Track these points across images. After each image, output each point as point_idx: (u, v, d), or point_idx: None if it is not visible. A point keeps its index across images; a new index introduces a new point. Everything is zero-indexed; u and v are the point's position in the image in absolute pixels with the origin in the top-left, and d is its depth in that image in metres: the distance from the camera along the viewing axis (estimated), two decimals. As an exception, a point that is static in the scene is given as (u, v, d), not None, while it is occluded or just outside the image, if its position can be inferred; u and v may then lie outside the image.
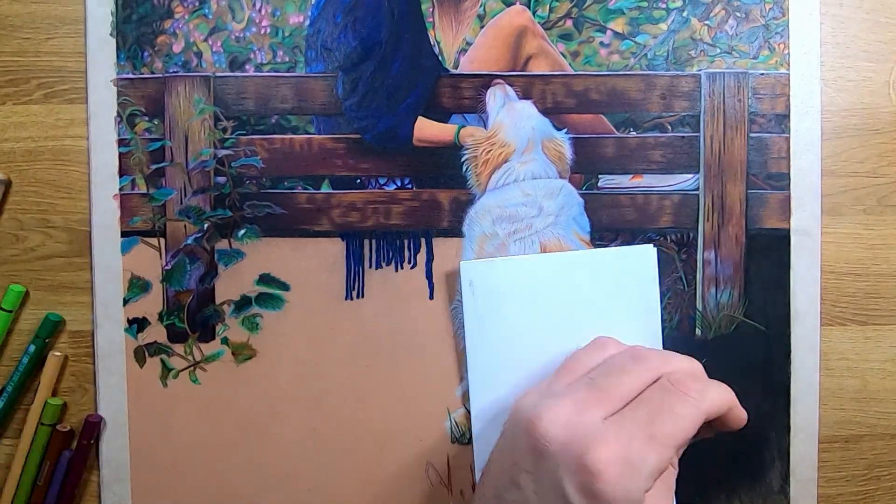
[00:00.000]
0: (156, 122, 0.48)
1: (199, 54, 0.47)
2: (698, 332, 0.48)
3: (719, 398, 0.36)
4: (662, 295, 0.48)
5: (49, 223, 0.48)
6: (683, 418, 0.34)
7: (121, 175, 0.48)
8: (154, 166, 0.48)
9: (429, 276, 0.48)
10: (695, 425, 0.34)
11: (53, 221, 0.48)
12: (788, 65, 0.48)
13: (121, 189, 0.48)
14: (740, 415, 0.37)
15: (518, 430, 0.36)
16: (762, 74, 0.48)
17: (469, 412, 0.48)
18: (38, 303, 0.48)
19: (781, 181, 0.48)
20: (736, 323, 0.48)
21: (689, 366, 0.38)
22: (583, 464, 0.32)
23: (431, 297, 0.48)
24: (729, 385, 0.37)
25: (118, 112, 0.47)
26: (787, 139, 0.48)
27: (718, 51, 0.48)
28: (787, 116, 0.48)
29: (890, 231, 0.49)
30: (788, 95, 0.48)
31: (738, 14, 0.48)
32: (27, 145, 0.48)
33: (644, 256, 0.46)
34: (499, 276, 0.46)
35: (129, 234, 0.48)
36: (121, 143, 0.48)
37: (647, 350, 0.38)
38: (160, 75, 0.47)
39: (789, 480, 0.48)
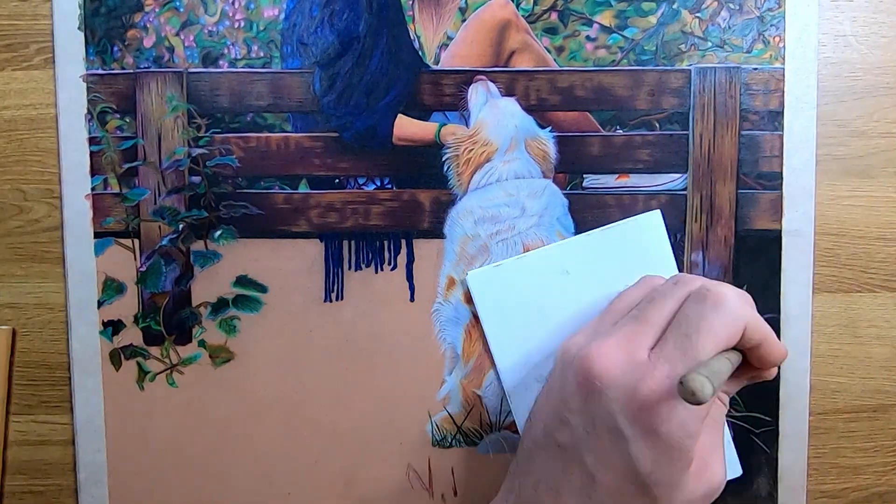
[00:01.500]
0: (127, 120, 0.46)
1: (171, 49, 0.46)
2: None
3: (755, 316, 0.35)
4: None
5: (53, 193, 0.47)
6: (718, 328, 0.33)
7: (92, 174, 0.46)
8: (126, 165, 0.46)
9: (409, 277, 0.47)
10: (731, 332, 0.33)
11: (58, 192, 0.47)
12: (784, 59, 0.46)
13: (93, 189, 0.46)
14: (779, 348, 0.36)
15: (567, 371, 0.35)
16: (755, 69, 0.46)
17: (451, 416, 0.47)
18: (45, 275, 0.47)
19: (773, 181, 0.47)
20: (724, 326, 0.47)
21: (734, 290, 0.36)
22: (634, 398, 0.32)
23: (412, 300, 0.47)
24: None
25: (88, 109, 0.46)
26: (781, 137, 0.46)
27: (710, 45, 0.46)
28: (780, 113, 0.46)
29: (925, 194, 0.47)
30: (783, 91, 0.46)
31: (732, 5, 0.46)
32: (28, 112, 0.47)
33: (651, 224, 0.45)
34: (508, 278, 0.45)
35: (103, 235, 0.47)
36: (92, 141, 0.46)
37: (693, 276, 0.37)
38: (131, 71, 0.46)
39: (777, 487, 0.47)
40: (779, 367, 0.41)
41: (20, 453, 0.48)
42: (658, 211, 0.46)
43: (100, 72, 0.46)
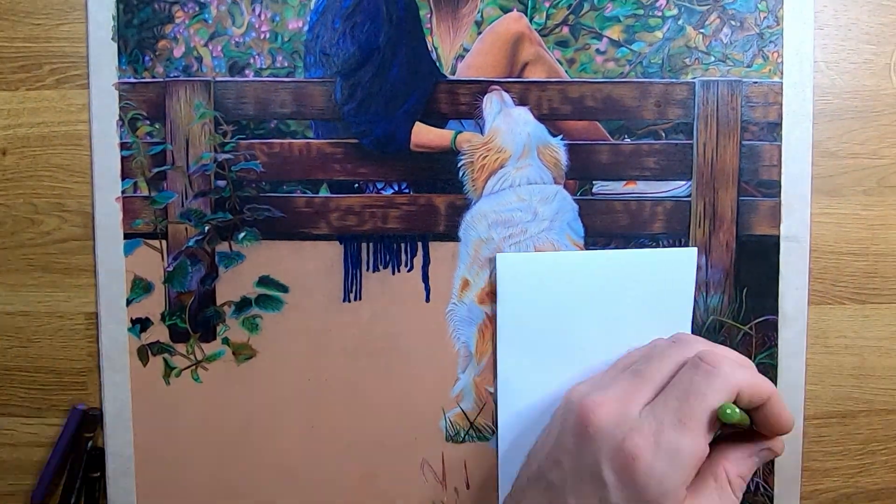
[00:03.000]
0: (157, 126, 0.48)
1: (200, 59, 0.48)
2: (688, 335, 0.49)
3: (752, 379, 0.36)
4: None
5: (64, 207, 0.49)
6: (706, 395, 0.35)
7: (123, 178, 0.48)
8: (155, 170, 0.48)
9: (425, 279, 0.49)
10: (722, 398, 0.35)
11: (68, 205, 0.49)
12: (782, 73, 0.48)
13: (123, 192, 0.48)
14: (785, 415, 0.38)
15: (568, 416, 0.38)
16: (755, 83, 0.48)
17: (464, 412, 0.49)
18: (54, 285, 0.49)
19: (772, 188, 0.49)
20: (725, 326, 0.49)
21: (734, 354, 0.38)
22: (620, 448, 0.34)
23: (427, 300, 0.49)
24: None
25: (120, 116, 0.48)
26: (779, 147, 0.49)
27: (713, 59, 0.48)
28: (779, 125, 0.49)
29: (889, 212, 0.50)
30: (781, 104, 0.48)
31: (733, 23, 0.48)
32: (41, 130, 0.49)
33: (684, 259, 0.47)
34: (535, 270, 0.47)
35: (132, 237, 0.49)
36: (123, 146, 0.48)
37: (692, 336, 0.40)
38: (161, 79, 0.48)
39: (773, 480, 0.50)
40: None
41: (31, 454, 0.50)
42: (695, 249, 0.48)
43: (131, 80, 0.48)
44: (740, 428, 0.38)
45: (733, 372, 0.36)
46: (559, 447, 0.38)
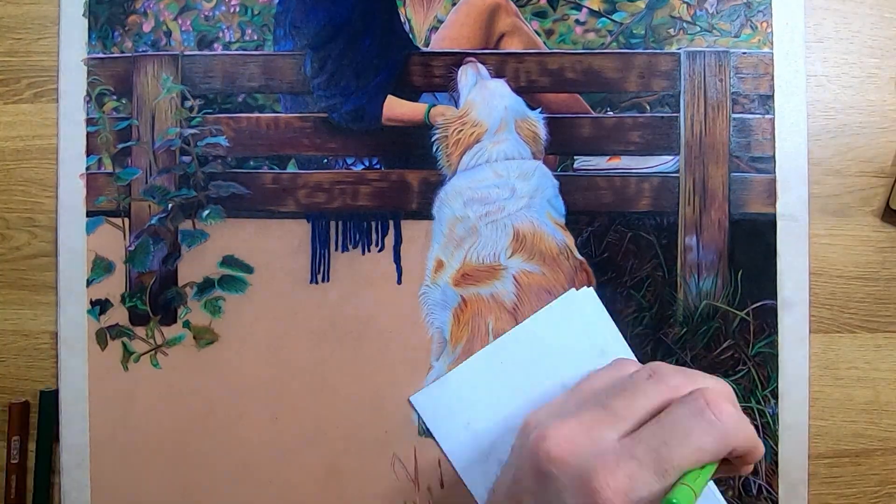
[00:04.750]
0: (124, 102, 0.47)
1: (169, 33, 0.47)
2: (678, 322, 0.46)
3: (750, 432, 0.32)
4: (641, 283, 0.46)
5: (34, 222, 0.48)
6: (702, 451, 0.30)
7: (88, 154, 0.47)
8: (120, 145, 0.47)
9: (397, 259, 0.47)
10: (719, 451, 0.30)
11: (39, 221, 0.48)
12: (772, 44, 0.46)
13: (87, 168, 0.47)
14: (761, 450, 0.32)
15: (524, 450, 0.34)
16: (744, 53, 0.46)
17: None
18: (23, 302, 0.48)
19: (766, 164, 0.46)
20: (720, 312, 0.46)
21: (720, 386, 0.33)
22: (590, 487, 0.30)
23: (399, 282, 0.46)
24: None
25: (87, 91, 0.47)
26: (772, 120, 0.46)
27: (699, 29, 0.46)
28: (771, 97, 0.46)
29: (901, 233, 0.46)
30: (772, 75, 0.46)
31: (720, -9, 0.46)
32: (16, 144, 0.48)
33: (585, 300, 0.44)
34: (454, 390, 0.44)
35: (95, 214, 0.47)
36: (89, 122, 0.47)
37: (669, 367, 0.34)
38: (129, 54, 0.47)
39: (777, 483, 0.45)
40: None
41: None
42: (591, 288, 0.45)
43: (100, 55, 0.47)
44: None
45: (736, 431, 0.31)
46: (518, 485, 0.33)
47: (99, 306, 0.47)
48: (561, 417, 0.33)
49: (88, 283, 0.47)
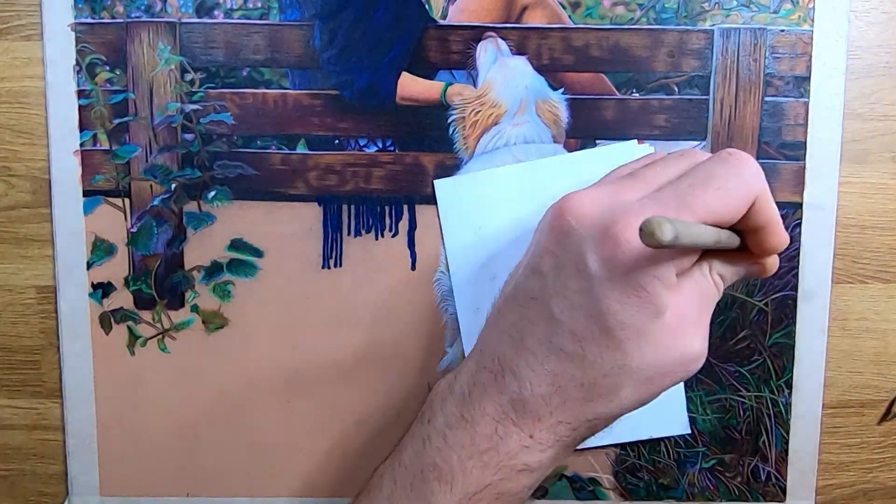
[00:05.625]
0: (118, 73, 0.44)
1: (164, -2, 0.43)
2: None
3: (766, 191, 0.31)
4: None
5: (10, 171, 0.45)
6: (728, 191, 0.29)
7: (81, 129, 0.44)
8: (117, 121, 0.44)
9: (411, 245, 0.45)
10: (739, 199, 0.30)
11: (15, 170, 0.45)
12: (812, 21, 0.43)
13: (81, 145, 0.44)
14: (783, 235, 0.32)
15: (545, 220, 0.32)
16: (782, 31, 0.43)
17: None
18: (2, 257, 0.45)
19: (797, 150, 0.44)
20: (737, 302, 0.45)
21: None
22: (609, 233, 0.29)
23: (413, 268, 0.45)
24: (729, 368, 0.33)
25: (77, 60, 0.44)
26: (806, 105, 0.44)
27: (735, 3, 0.43)
28: (807, 79, 0.44)
29: (922, 181, 0.45)
30: (810, 55, 0.43)
31: (760, -38, 0.43)
32: None
33: (628, 153, 0.41)
34: (478, 190, 0.42)
35: (92, 194, 0.45)
36: (80, 94, 0.44)
37: (702, 152, 0.33)
38: (122, 20, 0.43)
39: (787, 470, 0.46)
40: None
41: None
42: (635, 140, 0.42)
43: (89, 21, 0.43)
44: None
45: (757, 177, 0.30)
46: (538, 252, 0.32)
47: (101, 290, 0.45)
48: (586, 188, 0.32)
49: (89, 265, 0.45)
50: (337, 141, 0.44)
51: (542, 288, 0.31)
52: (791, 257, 0.45)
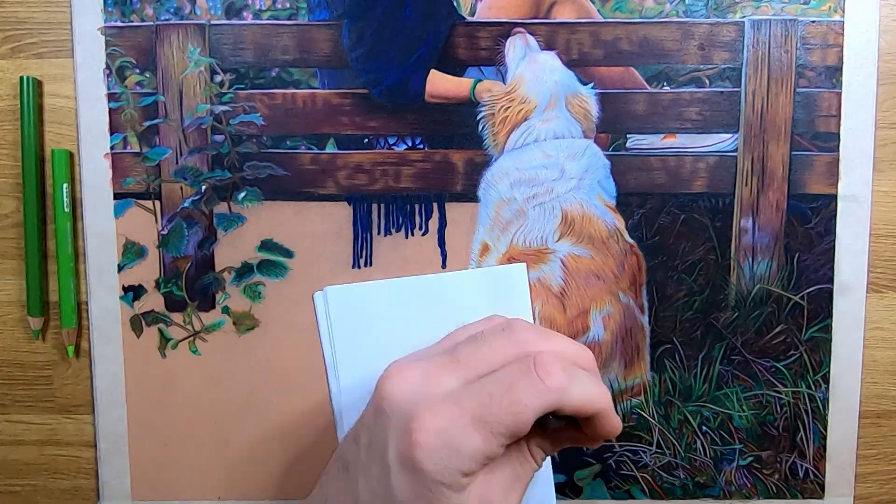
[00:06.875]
0: (147, 75, 0.44)
1: (193, 0, 0.43)
2: (730, 306, 0.45)
3: (585, 396, 0.31)
4: (693, 266, 0.44)
5: (20, 189, 0.45)
6: (523, 408, 0.30)
7: (112, 132, 0.44)
8: (147, 123, 0.44)
9: (441, 243, 0.45)
10: (534, 415, 0.30)
11: (21, 188, 0.45)
12: (843, 11, 0.43)
13: (112, 147, 0.44)
14: (613, 423, 0.32)
15: (375, 387, 0.33)
16: (813, 22, 0.43)
17: None
18: (12, 272, 0.46)
19: (830, 142, 0.44)
20: (773, 296, 0.45)
21: (572, 350, 0.32)
22: (408, 427, 0.30)
23: (444, 266, 0.45)
24: (765, 363, 0.32)
25: (107, 63, 0.44)
26: (839, 95, 0.43)
27: (765, -5, 0.43)
28: (839, 69, 0.43)
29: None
30: (842, 46, 0.43)
31: (789, -47, 0.43)
32: None
33: (515, 275, 0.41)
34: (365, 300, 0.41)
35: (122, 197, 0.45)
36: (111, 97, 0.44)
37: (526, 324, 0.33)
38: (151, 23, 0.44)
39: (825, 466, 0.45)
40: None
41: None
42: (524, 264, 0.42)
43: (118, 24, 0.44)
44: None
45: (563, 387, 0.30)
46: (361, 421, 0.33)
47: (132, 292, 0.45)
48: (411, 360, 0.33)
49: (120, 268, 0.45)
50: (366, 140, 0.44)
51: (355, 461, 0.32)
52: (826, 250, 0.44)
